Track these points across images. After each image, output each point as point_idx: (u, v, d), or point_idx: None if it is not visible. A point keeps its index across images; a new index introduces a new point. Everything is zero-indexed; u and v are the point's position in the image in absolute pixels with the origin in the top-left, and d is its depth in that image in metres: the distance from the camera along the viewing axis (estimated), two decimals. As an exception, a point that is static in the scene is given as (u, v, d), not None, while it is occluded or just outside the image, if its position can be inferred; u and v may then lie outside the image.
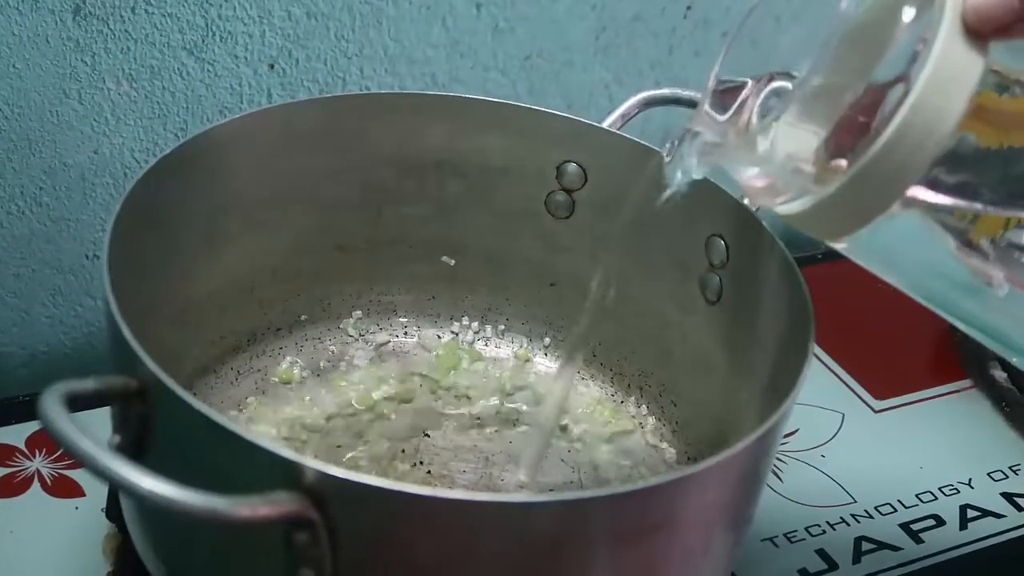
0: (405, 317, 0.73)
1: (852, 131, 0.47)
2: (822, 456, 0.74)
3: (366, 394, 0.69)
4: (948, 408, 0.80)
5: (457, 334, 0.73)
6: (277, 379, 0.69)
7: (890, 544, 0.70)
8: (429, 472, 0.65)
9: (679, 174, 0.56)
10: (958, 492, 0.73)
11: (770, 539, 0.69)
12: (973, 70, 0.46)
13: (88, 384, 0.47)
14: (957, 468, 0.75)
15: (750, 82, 0.53)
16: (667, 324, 0.68)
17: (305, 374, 0.69)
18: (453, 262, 0.72)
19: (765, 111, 0.51)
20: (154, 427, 0.50)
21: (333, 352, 0.71)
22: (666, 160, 0.57)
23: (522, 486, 0.64)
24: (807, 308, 0.57)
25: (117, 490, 0.53)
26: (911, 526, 0.71)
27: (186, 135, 0.72)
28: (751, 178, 0.51)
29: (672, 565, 0.52)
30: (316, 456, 0.62)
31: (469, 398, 0.70)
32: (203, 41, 0.74)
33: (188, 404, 0.47)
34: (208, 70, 0.75)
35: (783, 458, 0.73)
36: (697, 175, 0.56)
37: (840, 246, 0.50)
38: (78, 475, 0.66)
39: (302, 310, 0.71)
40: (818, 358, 0.80)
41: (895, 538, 0.70)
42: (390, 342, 0.72)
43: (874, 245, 0.49)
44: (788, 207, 0.50)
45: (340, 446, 0.65)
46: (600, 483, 0.65)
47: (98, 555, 0.63)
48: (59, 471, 0.67)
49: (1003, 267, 0.49)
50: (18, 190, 0.74)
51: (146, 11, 0.71)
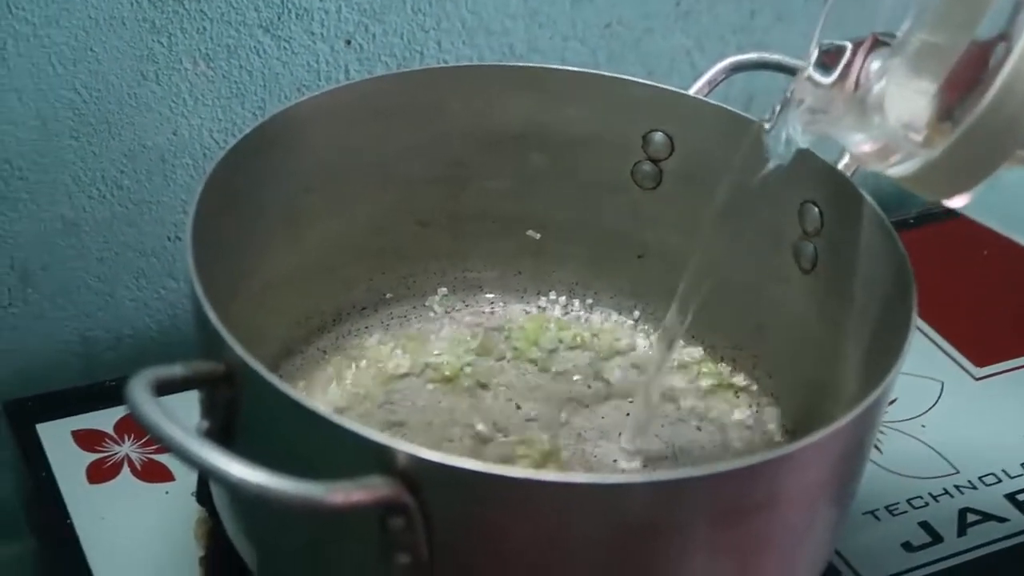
0: (491, 293, 0.72)
1: (961, 88, 0.46)
2: (922, 426, 0.73)
3: (453, 367, 0.68)
4: (1051, 374, 0.77)
5: (544, 309, 0.72)
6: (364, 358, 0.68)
7: (996, 515, 0.68)
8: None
9: (782, 144, 0.55)
10: (1064, 460, 0.71)
11: (871, 512, 0.67)
12: None
13: (175, 370, 0.47)
14: (1063, 435, 0.73)
15: (850, 45, 0.52)
16: (760, 294, 0.66)
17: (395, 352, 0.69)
18: (538, 236, 0.71)
19: (872, 74, 0.49)
20: (242, 412, 0.49)
21: (419, 330, 0.70)
22: (767, 129, 0.55)
23: (616, 460, 0.63)
24: (907, 275, 0.56)
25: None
26: (1017, 496, 0.69)
27: (264, 114, 0.72)
28: (860, 143, 0.50)
29: (774, 545, 0.51)
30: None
31: (559, 373, 0.68)
32: (279, 18, 0.73)
33: (276, 388, 0.46)
34: (284, 47, 0.74)
35: (882, 429, 0.72)
36: (803, 144, 0.54)
37: (956, 204, 0.49)
38: (167, 459, 0.66)
39: (386, 288, 0.70)
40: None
41: (1001, 509, 0.68)
42: (477, 319, 0.71)
43: (993, 201, 0.48)
44: (898, 169, 0.49)
45: (431, 423, 0.64)
46: (694, 458, 0.64)
47: (189, 540, 0.63)
48: (148, 456, 0.67)
49: None
50: (99, 174, 0.73)
51: (221, -11, 0.71)
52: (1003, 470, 0.70)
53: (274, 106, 0.74)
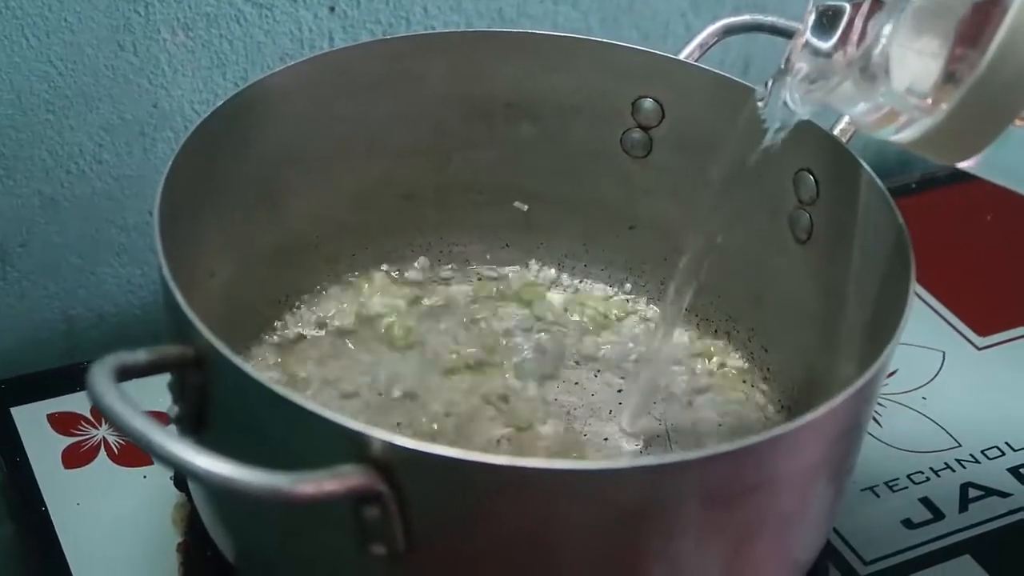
0: (478, 266, 0.71)
1: (963, 49, 0.45)
2: (923, 398, 0.71)
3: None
4: (1056, 343, 0.76)
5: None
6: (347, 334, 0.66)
7: (999, 490, 0.66)
8: (510, 430, 0.62)
9: (780, 116, 0.53)
10: (1070, 432, 0.70)
11: (871, 488, 0.66)
12: None
13: (140, 355, 0.46)
14: (1068, 407, 0.71)
15: (848, 6, 0.50)
16: (755, 266, 0.65)
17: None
18: (526, 208, 0.69)
19: (872, 37, 0.48)
20: (213, 397, 0.48)
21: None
22: (763, 101, 0.53)
23: (607, 439, 0.62)
24: (905, 245, 0.54)
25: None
26: (1020, 470, 0.68)
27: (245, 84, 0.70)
28: (864, 111, 0.48)
29: (770, 526, 0.50)
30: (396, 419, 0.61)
31: (547, 349, 0.67)
32: (259, -15, 0.72)
33: (245, 373, 0.45)
34: (266, 15, 0.73)
35: (882, 402, 0.70)
36: (803, 115, 0.53)
37: (966, 165, 0.48)
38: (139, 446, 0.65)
39: (370, 263, 0.69)
40: (915, 293, 0.77)
41: (1004, 483, 0.67)
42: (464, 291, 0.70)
43: (1005, 160, 0.47)
44: (904, 134, 0.47)
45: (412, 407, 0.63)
46: (688, 435, 0.63)
47: (167, 525, 0.61)
48: (126, 439, 0.65)
49: None
50: (77, 148, 0.72)
51: (198, -44, 0.69)
52: (1006, 443, 0.69)
53: (256, 76, 0.73)
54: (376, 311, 0.67)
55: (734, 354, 0.67)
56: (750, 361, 0.67)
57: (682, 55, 0.64)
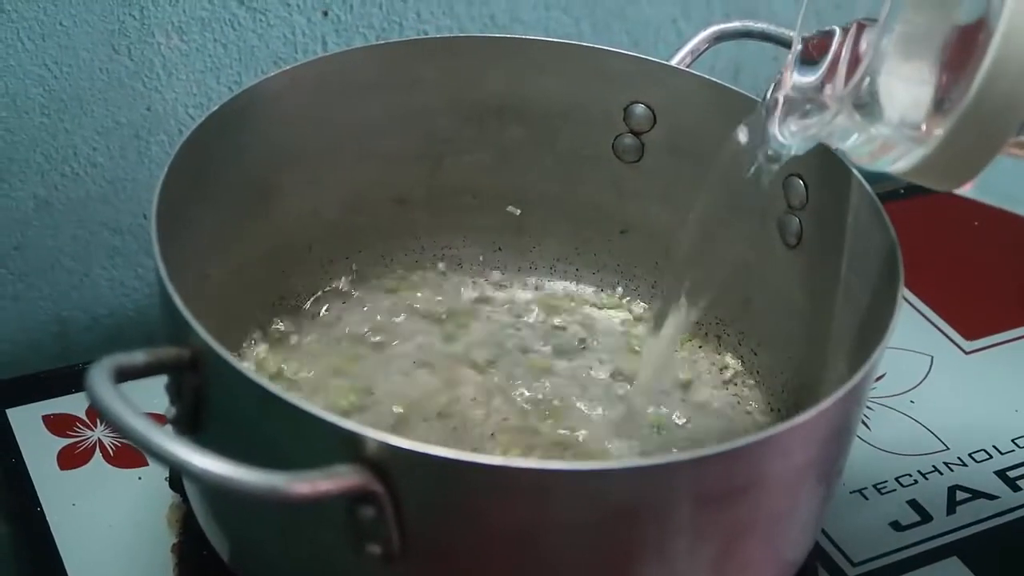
0: (470, 270, 0.71)
1: (950, 77, 0.45)
2: (911, 402, 0.71)
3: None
4: (1043, 347, 0.76)
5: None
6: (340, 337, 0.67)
7: (986, 493, 0.67)
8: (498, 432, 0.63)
9: (771, 152, 0.53)
10: (1056, 436, 0.70)
11: (859, 491, 0.66)
12: None
13: (137, 357, 0.46)
14: (1055, 410, 0.72)
15: (838, 31, 0.50)
16: (745, 269, 0.65)
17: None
18: (519, 212, 0.70)
19: (860, 67, 0.48)
20: (209, 399, 0.48)
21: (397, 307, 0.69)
22: (753, 138, 0.54)
23: (607, 443, 0.62)
24: (894, 250, 0.55)
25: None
26: (1008, 473, 0.68)
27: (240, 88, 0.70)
28: (860, 144, 0.49)
29: (759, 528, 0.50)
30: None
31: (543, 352, 0.67)
32: (253, -11, 0.72)
33: (242, 374, 0.45)
34: (260, 20, 0.73)
35: (870, 405, 0.71)
36: (796, 151, 0.53)
37: (964, 191, 0.48)
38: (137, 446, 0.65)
39: (363, 266, 0.69)
40: (903, 298, 0.77)
41: (991, 486, 0.67)
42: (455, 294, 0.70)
43: (1002, 184, 0.47)
44: (899, 165, 0.48)
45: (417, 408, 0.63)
46: (678, 436, 0.63)
47: (162, 526, 0.61)
48: (121, 440, 0.65)
49: None
50: (71, 151, 0.72)
51: (192, -40, 0.70)
52: (994, 446, 0.69)
53: (250, 80, 0.73)
54: (369, 313, 0.68)
55: (726, 356, 0.68)
56: (740, 363, 0.67)
57: (674, 61, 0.65)
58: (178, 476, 0.61)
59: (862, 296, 0.58)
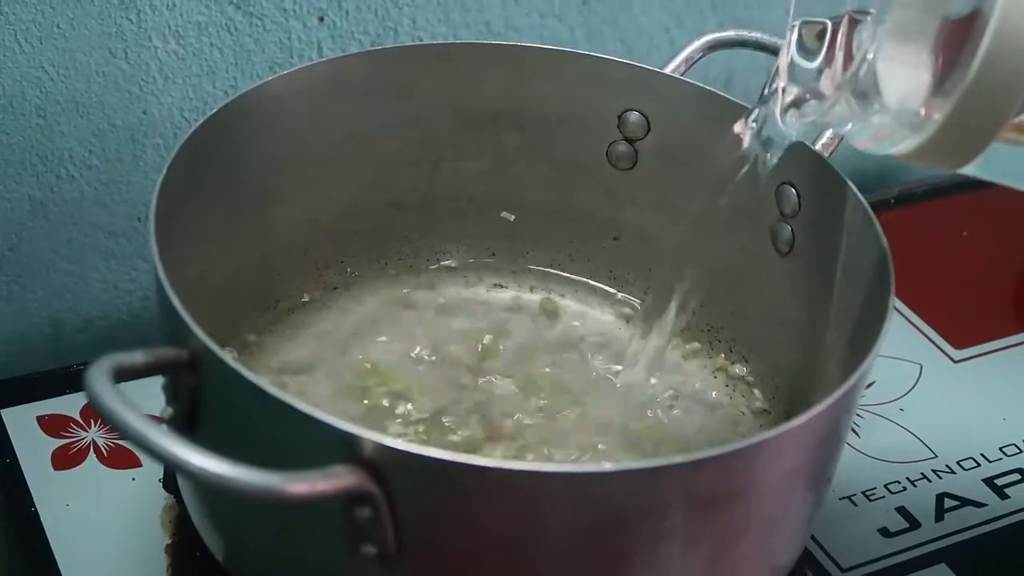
0: (464, 275, 0.71)
1: (948, 61, 0.45)
2: (900, 410, 0.72)
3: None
4: (1032, 356, 0.76)
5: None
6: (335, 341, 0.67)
7: (974, 500, 0.67)
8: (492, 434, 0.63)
9: (771, 139, 0.54)
10: (1044, 444, 0.71)
11: (848, 498, 0.66)
12: None
13: (136, 356, 0.46)
14: (1043, 419, 0.72)
15: (829, 23, 0.51)
16: (736, 277, 0.65)
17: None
18: (513, 218, 0.70)
19: (858, 53, 0.48)
20: (206, 399, 0.48)
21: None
22: (752, 125, 0.54)
23: (600, 446, 0.62)
24: (886, 258, 0.55)
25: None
26: (995, 481, 0.68)
27: (236, 93, 0.70)
28: (860, 129, 0.49)
29: (749, 532, 0.51)
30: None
31: (536, 357, 0.67)
32: (250, -6, 0.72)
33: (239, 374, 0.46)
34: (256, 24, 0.73)
35: (860, 412, 0.71)
36: (795, 137, 0.54)
37: (967, 171, 0.48)
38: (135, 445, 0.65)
39: (358, 270, 0.69)
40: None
41: (979, 494, 0.67)
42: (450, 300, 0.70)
43: (1003, 162, 0.47)
44: (899, 147, 0.48)
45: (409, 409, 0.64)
46: (669, 441, 0.63)
47: (156, 527, 0.62)
48: (115, 441, 0.65)
49: None
50: (67, 153, 0.72)
51: (190, -35, 0.70)
52: (982, 454, 0.70)
53: (246, 84, 0.73)
54: (364, 317, 0.68)
55: (715, 361, 0.68)
56: (731, 369, 0.67)
57: (668, 69, 0.65)
58: (172, 477, 0.61)
59: (853, 304, 0.58)
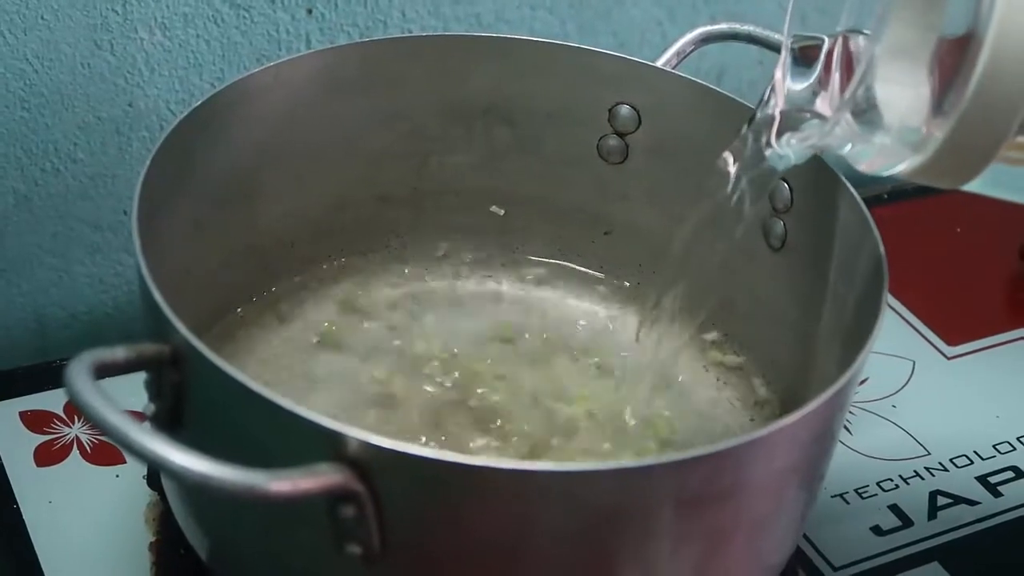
0: (453, 270, 0.70)
1: (945, 81, 0.45)
2: (893, 407, 0.71)
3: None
4: (1025, 353, 0.76)
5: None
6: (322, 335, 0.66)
7: (967, 498, 0.67)
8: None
9: (772, 162, 0.54)
10: (1037, 442, 0.70)
11: (840, 495, 0.66)
12: None
13: (118, 352, 0.45)
14: (1036, 416, 0.72)
15: (825, 40, 0.50)
16: (728, 272, 0.64)
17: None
18: (503, 212, 0.70)
19: (857, 77, 0.48)
20: (189, 395, 0.48)
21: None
22: (752, 150, 0.54)
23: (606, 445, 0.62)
24: (879, 254, 0.55)
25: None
26: (989, 479, 0.68)
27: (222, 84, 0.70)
28: (862, 150, 0.49)
29: (741, 531, 0.50)
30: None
31: (529, 356, 0.67)
32: (237, -14, 0.72)
33: (223, 371, 0.45)
34: (244, 16, 0.73)
35: (852, 410, 0.71)
36: (797, 160, 0.54)
37: (970, 188, 0.48)
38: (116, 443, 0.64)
39: (346, 264, 0.69)
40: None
41: (972, 492, 0.67)
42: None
43: (1008, 179, 0.47)
44: (900, 168, 0.48)
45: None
46: (661, 440, 0.63)
47: (140, 524, 0.61)
48: (99, 438, 0.65)
49: None
50: (52, 146, 0.72)
51: (176, -45, 0.69)
52: (975, 451, 0.69)
53: (233, 77, 0.73)
54: (351, 311, 0.67)
55: (708, 357, 0.67)
56: (724, 365, 0.67)
57: (659, 62, 0.64)
58: (156, 474, 0.60)
59: (846, 299, 0.57)
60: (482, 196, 0.69)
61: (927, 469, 0.68)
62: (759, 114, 0.54)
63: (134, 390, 0.49)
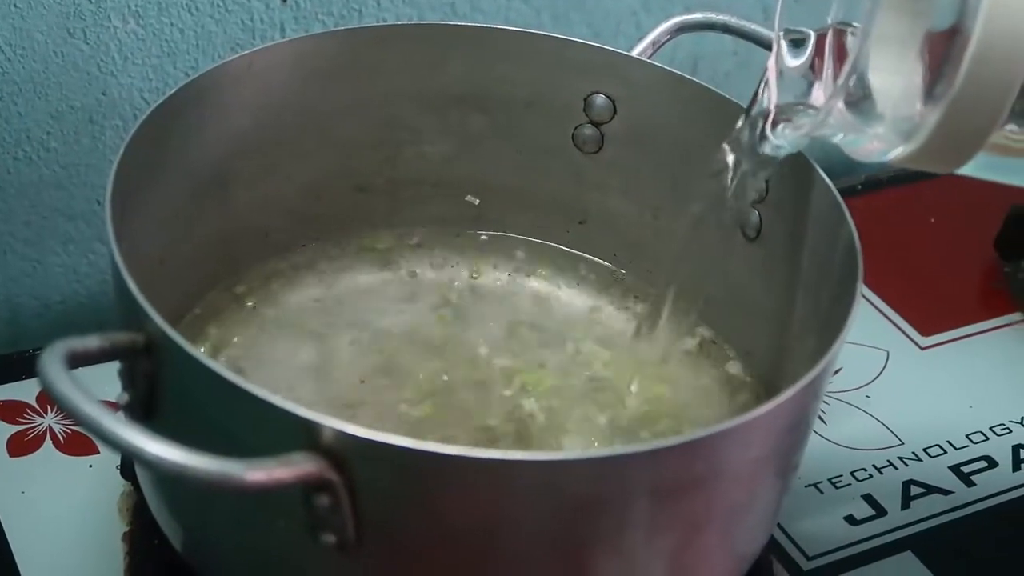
0: (429, 258, 0.70)
1: (935, 69, 0.45)
2: (867, 397, 0.72)
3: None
4: (998, 343, 0.76)
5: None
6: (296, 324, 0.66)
7: (940, 488, 0.67)
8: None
9: (766, 157, 0.54)
10: (1010, 432, 0.70)
11: (815, 485, 0.66)
12: None
13: (91, 341, 0.45)
14: (1008, 406, 0.72)
15: (813, 35, 0.50)
16: (704, 261, 0.64)
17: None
18: (478, 201, 0.69)
19: (848, 68, 0.48)
20: (163, 385, 0.47)
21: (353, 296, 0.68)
22: (746, 138, 0.54)
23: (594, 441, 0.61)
24: (853, 245, 0.55)
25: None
26: (962, 468, 0.68)
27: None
28: (856, 139, 0.49)
29: (716, 519, 0.50)
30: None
31: (503, 347, 0.66)
32: (211, -26, 0.71)
33: (196, 360, 0.45)
34: (218, 5, 0.72)
35: (827, 400, 0.71)
36: (793, 149, 0.54)
37: (964, 172, 0.48)
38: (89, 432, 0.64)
39: (321, 254, 0.68)
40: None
41: (945, 481, 0.67)
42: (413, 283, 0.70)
43: (1001, 161, 0.47)
44: (893, 155, 0.48)
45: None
46: (634, 430, 0.63)
47: (113, 514, 0.61)
48: (72, 427, 0.65)
49: None
50: (24, 135, 0.71)
51: (150, -57, 0.69)
52: (948, 441, 0.70)
53: (207, 65, 0.72)
54: (327, 300, 0.67)
55: (682, 345, 0.67)
56: (698, 355, 0.67)
57: (634, 52, 0.64)
58: (130, 464, 0.60)
59: (821, 289, 0.58)
60: (457, 185, 0.69)
61: (901, 459, 0.68)
62: (754, 107, 0.54)
63: (108, 380, 0.49)
